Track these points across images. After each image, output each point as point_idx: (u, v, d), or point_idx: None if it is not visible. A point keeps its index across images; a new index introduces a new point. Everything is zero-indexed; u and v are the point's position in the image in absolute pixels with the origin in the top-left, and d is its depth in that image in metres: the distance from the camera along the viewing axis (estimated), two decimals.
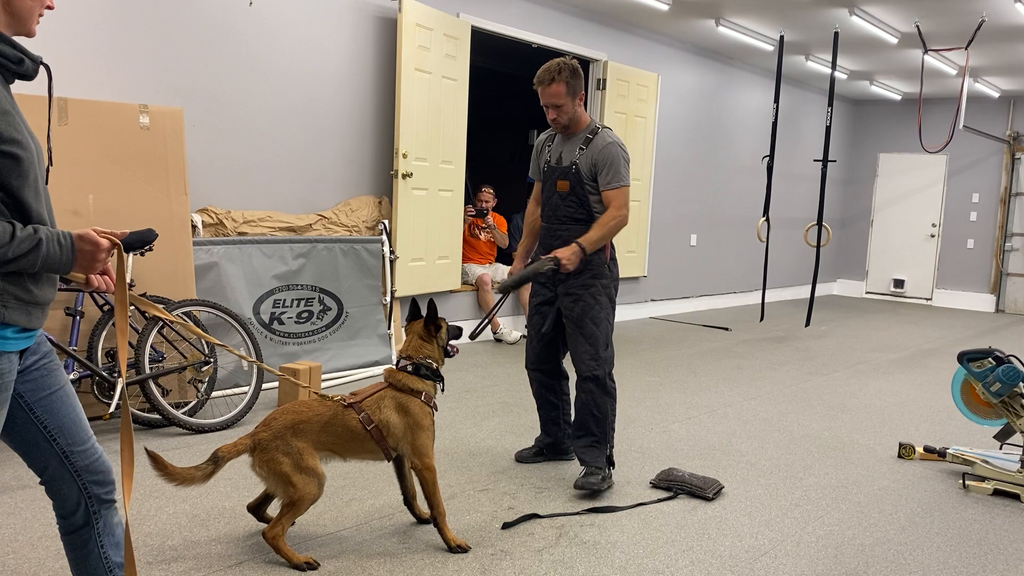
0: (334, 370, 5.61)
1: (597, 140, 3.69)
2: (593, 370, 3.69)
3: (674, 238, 9.74)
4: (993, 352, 3.98)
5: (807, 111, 11.75)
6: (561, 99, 3.63)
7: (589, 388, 3.71)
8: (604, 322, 3.72)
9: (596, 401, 3.71)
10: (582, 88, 3.71)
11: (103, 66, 4.75)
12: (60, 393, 1.94)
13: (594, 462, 3.69)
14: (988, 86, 10.87)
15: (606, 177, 3.65)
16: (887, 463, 4.35)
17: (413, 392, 2.99)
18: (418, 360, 3.05)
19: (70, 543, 2.05)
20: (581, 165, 3.69)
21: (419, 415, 2.97)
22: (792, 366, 6.90)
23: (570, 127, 3.74)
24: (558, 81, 3.60)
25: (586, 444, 3.73)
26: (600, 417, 3.72)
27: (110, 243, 1.82)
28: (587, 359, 3.70)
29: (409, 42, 6.11)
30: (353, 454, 2.98)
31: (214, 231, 5.21)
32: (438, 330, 3.13)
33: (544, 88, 3.65)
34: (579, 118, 3.73)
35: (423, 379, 3.03)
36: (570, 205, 3.74)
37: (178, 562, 2.82)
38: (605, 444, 3.74)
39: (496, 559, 2.97)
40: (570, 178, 3.72)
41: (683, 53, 9.40)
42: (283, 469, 2.80)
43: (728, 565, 3.02)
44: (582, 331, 3.70)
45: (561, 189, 3.75)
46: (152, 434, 4.21)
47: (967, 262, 12.27)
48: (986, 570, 3.10)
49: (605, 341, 3.73)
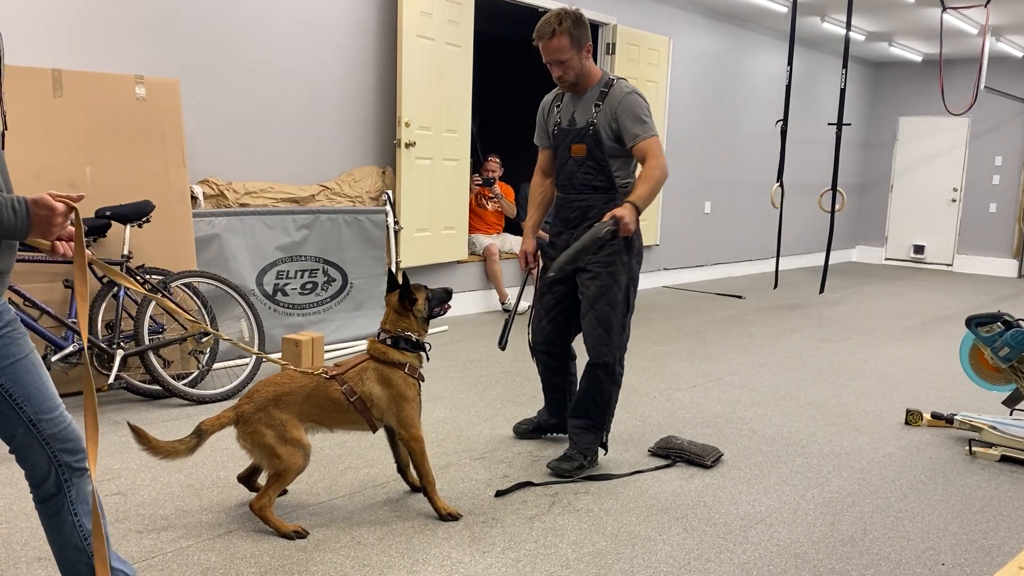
0: (339, 341, 5.60)
1: (614, 92, 3.32)
2: (603, 356, 3.42)
3: (687, 206, 9.62)
4: (1002, 316, 3.89)
5: (824, 74, 11.50)
6: (566, 53, 3.27)
7: (596, 375, 3.45)
8: (622, 304, 3.42)
9: (601, 388, 3.46)
10: (589, 38, 3.34)
11: (98, 37, 4.71)
12: (25, 361, 1.93)
13: (584, 447, 3.49)
14: (1011, 45, 10.57)
15: (634, 129, 3.28)
16: (893, 430, 4.28)
17: (395, 364, 2.96)
18: (396, 333, 3.00)
19: (43, 511, 2.05)
20: (600, 124, 3.34)
21: (402, 387, 2.95)
22: (804, 333, 6.81)
23: (579, 84, 3.38)
24: (559, 33, 3.23)
25: (581, 426, 3.51)
26: (602, 405, 3.49)
27: (67, 207, 1.79)
28: (599, 344, 3.41)
29: (410, 8, 6.02)
30: (338, 425, 2.97)
31: (215, 202, 5.19)
32: (413, 303, 3.03)
33: (545, 43, 3.28)
34: (588, 72, 3.36)
35: (403, 351, 2.99)
36: (588, 171, 3.41)
37: (168, 531, 2.83)
38: (600, 430, 3.54)
39: (487, 527, 2.95)
40: (587, 140, 3.37)
41: (695, 16, 9.21)
42: (267, 441, 2.80)
43: (722, 533, 2.98)
44: (596, 313, 3.40)
45: (577, 154, 3.41)
46: (153, 405, 4.23)
47: (989, 227, 12.03)
48: (987, 536, 3.04)
49: (621, 325, 3.44)
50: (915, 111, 12.48)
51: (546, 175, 3.71)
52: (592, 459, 3.52)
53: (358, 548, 2.75)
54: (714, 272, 10.19)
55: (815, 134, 11.22)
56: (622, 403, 4.49)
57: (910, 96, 12.52)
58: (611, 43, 8.00)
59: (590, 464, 3.51)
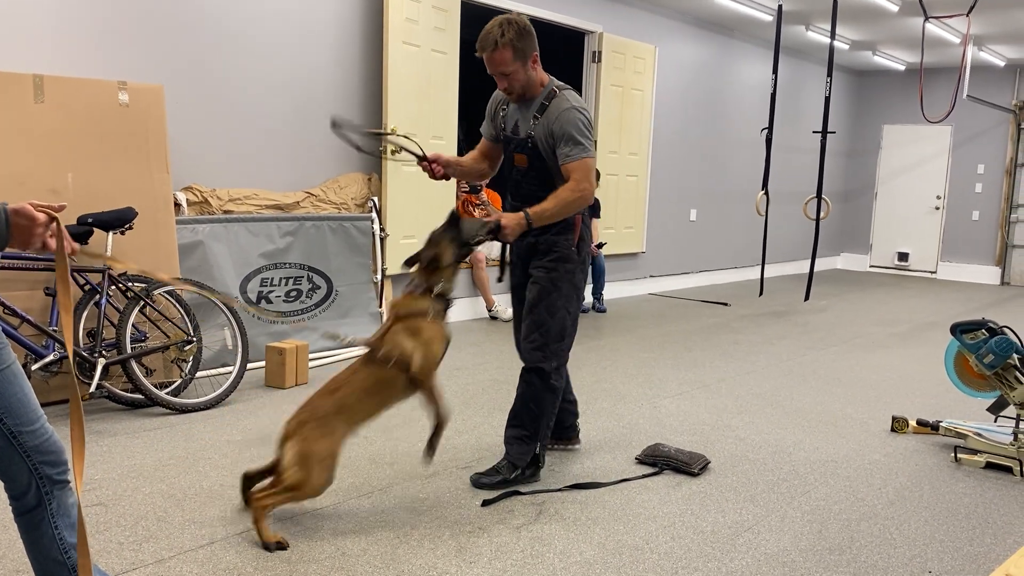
0: (324, 349, 5.56)
1: (553, 106, 3.22)
2: (537, 361, 3.33)
3: (673, 213, 9.63)
4: (987, 323, 3.90)
5: (808, 83, 11.57)
6: (509, 66, 3.15)
7: (531, 380, 3.37)
8: (562, 311, 3.34)
9: (536, 395, 3.37)
10: (535, 47, 3.21)
11: (81, 42, 4.67)
12: (7, 372, 1.89)
13: (515, 457, 3.39)
14: (993, 55, 10.68)
15: (565, 148, 3.19)
16: (879, 437, 4.29)
17: (416, 314, 3.02)
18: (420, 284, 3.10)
19: (23, 524, 2.01)
20: (537, 137, 3.26)
21: (427, 333, 3.01)
22: (789, 341, 6.82)
23: (525, 94, 3.28)
24: (502, 46, 3.11)
25: (515, 436, 3.42)
26: (536, 413, 3.38)
27: (48, 217, 1.76)
28: (532, 348, 3.34)
29: (396, 15, 6.01)
30: (389, 402, 2.99)
31: (199, 209, 5.15)
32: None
33: (488, 55, 3.15)
34: (533, 82, 3.25)
35: (422, 297, 3.05)
36: (532, 182, 3.34)
37: (150, 542, 2.79)
38: (534, 441, 3.40)
39: (473, 536, 2.93)
40: (527, 152, 3.30)
41: (681, 24, 9.25)
42: (312, 448, 2.80)
43: (709, 541, 2.97)
44: (534, 317, 3.34)
45: (519, 164, 3.36)
46: (135, 414, 4.18)
47: (972, 234, 12.13)
48: (973, 543, 3.04)
49: (560, 332, 3.35)
50: (899, 119, 12.58)
51: (483, 158, 3.64)
52: (524, 471, 3.40)
53: (343, 559, 2.72)
54: (700, 279, 10.21)
55: (800, 142, 11.29)
56: (609, 411, 4.49)
57: (894, 104, 12.62)
58: (597, 51, 8.01)
59: (522, 477, 3.39)
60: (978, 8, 7.81)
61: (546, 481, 3.47)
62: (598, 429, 4.16)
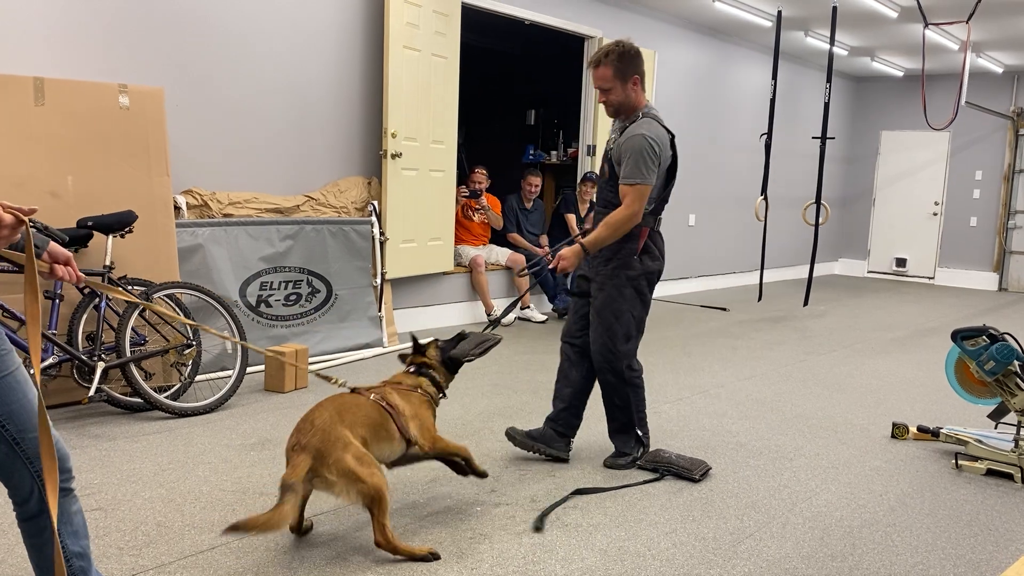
0: (323, 353, 5.55)
1: (630, 129, 3.56)
2: (607, 362, 3.67)
3: (672, 218, 9.62)
4: (987, 330, 3.90)
5: (807, 88, 11.59)
6: (608, 82, 3.54)
7: (607, 380, 3.72)
8: (627, 315, 3.64)
9: (617, 391, 3.72)
10: (636, 71, 3.56)
11: (81, 45, 4.67)
12: (9, 379, 1.88)
13: (622, 446, 3.76)
14: (992, 61, 10.71)
15: (624, 171, 3.50)
16: (880, 443, 4.29)
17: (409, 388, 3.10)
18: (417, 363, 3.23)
19: (27, 530, 2.00)
20: (612, 153, 3.62)
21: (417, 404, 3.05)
22: (788, 346, 6.82)
23: (620, 112, 3.64)
24: (605, 64, 3.53)
25: (614, 428, 3.80)
26: (622, 406, 3.73)
27: (15, 220, 1.74)
28: (603, 351, 3.66)
29: (397, 19, 6.01)
30: (378, 444, 2.89)
31: (199, 213, 5.14)
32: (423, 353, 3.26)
33: (593, 71, 3.59)
34: (630, 101, 3.59)
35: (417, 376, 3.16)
36: (609, 190, 3.66)
37: (149, 547, 2.78)
38: (633, 428, 3.75)
39: (474, 543, 2.92)
40: (607, 163, 3.67)
41: (680, 30, 9.26)
42: (349, 465, 2.66)
43: (711, 548, 2.96)
44: (601, 321, 3.65)
45: (602, 174, 3.73)
46: (134, 418, 4.16)
47: (970, 240, 12.15)
48: (975, 551, 3.04)
49: (625, 334, 3.66)
50: (897, 125, 12.60)
51: None
52: (639, 452, 3.77)
53: (343, 564, 2.71)
54: (698, 284, 10.21)
55: (799, 147, 11.30)
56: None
57: (892, 111, 12.64)
58: None
59: (640, 455, 3.76)
60: (977, 15, 7.83)
61: (547, 487, 3.47)
62: (598, 434, 4.15)
